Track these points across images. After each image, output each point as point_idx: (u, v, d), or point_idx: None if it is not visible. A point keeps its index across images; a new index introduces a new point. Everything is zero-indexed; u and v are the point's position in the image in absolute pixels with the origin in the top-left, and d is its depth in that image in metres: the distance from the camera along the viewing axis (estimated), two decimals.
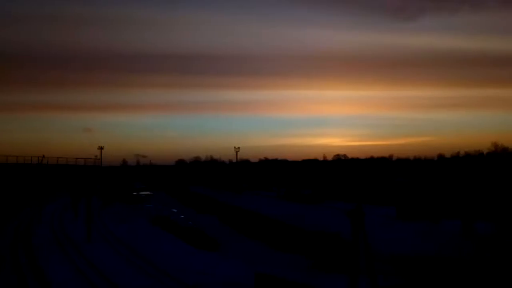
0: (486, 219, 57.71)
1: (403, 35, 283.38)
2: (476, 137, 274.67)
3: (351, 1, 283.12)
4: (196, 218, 78.04)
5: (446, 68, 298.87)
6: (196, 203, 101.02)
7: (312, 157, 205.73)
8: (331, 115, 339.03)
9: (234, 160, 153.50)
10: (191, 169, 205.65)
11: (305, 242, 44.85)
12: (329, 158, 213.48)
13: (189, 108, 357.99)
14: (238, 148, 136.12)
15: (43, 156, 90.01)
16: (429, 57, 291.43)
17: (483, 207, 62.78)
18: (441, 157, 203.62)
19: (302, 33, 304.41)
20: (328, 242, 40.65)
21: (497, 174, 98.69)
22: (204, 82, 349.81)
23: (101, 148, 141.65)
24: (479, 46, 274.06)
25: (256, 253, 45.79)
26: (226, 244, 52.12)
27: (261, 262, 40.83)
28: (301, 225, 53.27)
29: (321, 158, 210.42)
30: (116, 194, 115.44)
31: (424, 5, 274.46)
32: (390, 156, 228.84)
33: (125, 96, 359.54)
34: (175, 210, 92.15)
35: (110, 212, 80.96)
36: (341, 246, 38.52)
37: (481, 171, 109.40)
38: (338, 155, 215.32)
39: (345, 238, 35.96)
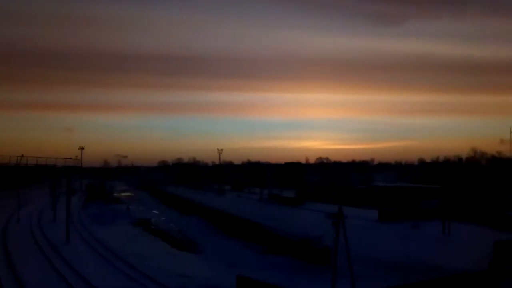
0: (464, 220, 58.87)
1: (385, 40, 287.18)
2: (456, 142, 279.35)
3: (335, 5, 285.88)
4: (178, 219, 77.49)
5: (428, 73, 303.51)
6: (178, 204, 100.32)
7: (295, 159, 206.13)
8: (314, 118, 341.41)
9: (217, 162, 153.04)
10: (173, 171, 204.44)
11: (286, 245, 44.86)
12: (312, 161, 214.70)
13: (172, 110, 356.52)
14: (221, 150, 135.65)
15: (22, 156, 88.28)
16: (411, 63, 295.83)
17: (462, 209, 63.90)
18: (421, 161, 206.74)
19: (286, 37, 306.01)
20: (307, 245, 40.73)
21: (476, 178, 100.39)
22: (188, 84, 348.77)
23: (81, 148, 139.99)
24: (460, 53, 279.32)
25: (238, 255, 45.59)
26: (208, 246, 51.82)
27: (243, 264, 40.67)
28: (282, 227, 53.24)
29: (303, 161, 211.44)
30: (97, 195, 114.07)
31: (406, 11, 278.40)
32: (372, 160, 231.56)
33: (107, 96, 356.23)
34: (156, 212, 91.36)
35: (90, 213, 79.85)
36: (321, 249, 38.66)
37: (460, 175, 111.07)
38: (320, 158, 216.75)
39: (327, 241, 36.11)
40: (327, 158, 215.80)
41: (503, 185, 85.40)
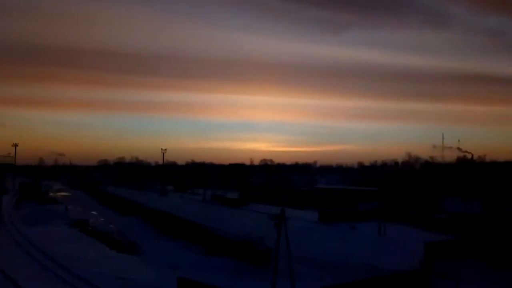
0: (399, 221, 61.68)
1: (330, 47, 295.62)
2: (393, 147, 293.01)
3: (284, 10, 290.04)
4: (118, 221, 75.29)
5: (368, 80, 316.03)
6: (119, 205, 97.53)
7: (239, 161, 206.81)
8: (260, 120, 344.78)
9: (161, 162, 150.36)
10: (115, 170, 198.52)
11: (229, 246, 44.91)
12: (256, 162, 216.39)
13: (115, 108, 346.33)
14: (165, 150, 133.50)
15: None
16: (353, 70, 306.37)
17: (397, 211, 66.89)
18: (361, 164, 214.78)
19: (234, 39, 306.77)
20: (249, 246, 41.02)
21: (410, 181, 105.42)
22: (133, 82, 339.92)
23: (15, 145, 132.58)
24: (398, 62, 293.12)
25: (180, 257, 45.03)
26: (149, 248, 50.77)
27: (184, 266, 40.24)
28: (225, 229, 53.26)
29: (248, 163, 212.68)
30: (31, 195, 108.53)
31: (350, 20, 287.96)
32: (314, 163, 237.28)
33: (44, 91, 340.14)
34: (95, 213, 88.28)
35: (23, 213, 75.81)
36: (262, 250, 39.06)
37: (396, 178, 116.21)
38: (264, 160, 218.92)
39: (269, 242, 36.53)
40: (271, 160, 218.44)
41: (435, 188, 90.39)
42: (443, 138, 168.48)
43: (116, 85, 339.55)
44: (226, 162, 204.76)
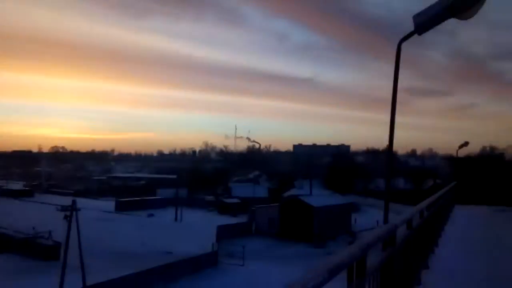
0: (196, 207, 64.78)
1: (130, 32, 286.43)
2: (191, 136, 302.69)
3: None
4: None
5: (168, 69, 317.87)
6: None
7: (25, 148, 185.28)
8: (50, 104, 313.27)
9: None
10: None
11: (9, 243, 40.17)
12: (46, 150, 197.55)
13: None
14: None
15: None
16: (153, 57, 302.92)
17: (194, 197, 69.99)
18: (160, 153, 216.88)
19: (26, 13, 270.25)
20: (34, 241, 37.69)
21: (207, 169, 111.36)
22: None
23: None
24: (197, 54, 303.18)
25: None
26: None
27: None
28: (6, 223, 47.29)
29: (36, 150, 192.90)
30: None
31: (152, 7, 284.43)
32: (112, 150, 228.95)
33: None
34: None
35: None
36: (50, 245, 36.27)
37: (194, 166, 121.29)
38: (56, 147, 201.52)
39: (59, 236, 34.08)
40: (63, 147, 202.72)
41: (228, 175, 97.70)
42: (235, 129, 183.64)
43: None
44: (9, 149, 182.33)
